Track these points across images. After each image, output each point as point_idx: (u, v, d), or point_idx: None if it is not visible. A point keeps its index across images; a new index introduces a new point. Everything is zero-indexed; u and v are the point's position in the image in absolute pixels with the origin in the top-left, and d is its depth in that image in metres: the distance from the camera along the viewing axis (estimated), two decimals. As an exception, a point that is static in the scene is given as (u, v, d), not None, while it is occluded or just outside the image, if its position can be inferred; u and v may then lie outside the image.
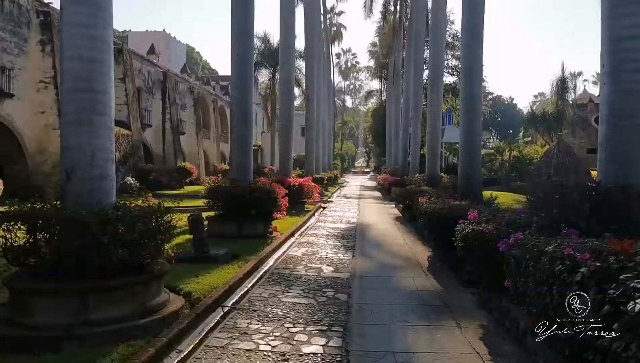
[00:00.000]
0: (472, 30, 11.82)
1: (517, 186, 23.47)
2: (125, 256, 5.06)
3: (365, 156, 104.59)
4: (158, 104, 36.11)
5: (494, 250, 5.51)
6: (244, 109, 12.68)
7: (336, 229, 14.33)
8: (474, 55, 11.77)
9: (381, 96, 70.84)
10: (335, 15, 62.29)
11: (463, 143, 12.07)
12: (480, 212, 7.16)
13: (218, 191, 11.99)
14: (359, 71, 79.83)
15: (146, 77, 34.76)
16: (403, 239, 12.55)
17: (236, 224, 11.80)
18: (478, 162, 12.10)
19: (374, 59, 63.27)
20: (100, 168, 5.68)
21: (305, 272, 8.40)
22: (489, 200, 11.39)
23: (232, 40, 12.47)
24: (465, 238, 6.25)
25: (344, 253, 10.33)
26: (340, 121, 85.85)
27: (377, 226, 15.41)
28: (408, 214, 16.93)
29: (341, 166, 69.76)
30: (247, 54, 12.66)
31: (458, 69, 47.26)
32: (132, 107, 30.28)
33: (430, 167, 19.34)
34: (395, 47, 45.85)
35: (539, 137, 38.78)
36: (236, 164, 12.70)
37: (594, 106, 43.09)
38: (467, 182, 11.78)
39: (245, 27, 12.46)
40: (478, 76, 11.86)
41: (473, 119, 11.88)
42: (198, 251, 9.00)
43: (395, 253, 10.51)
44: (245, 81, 12.68)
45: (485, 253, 5.85)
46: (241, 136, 12.67)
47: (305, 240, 11.97)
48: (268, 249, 10.09)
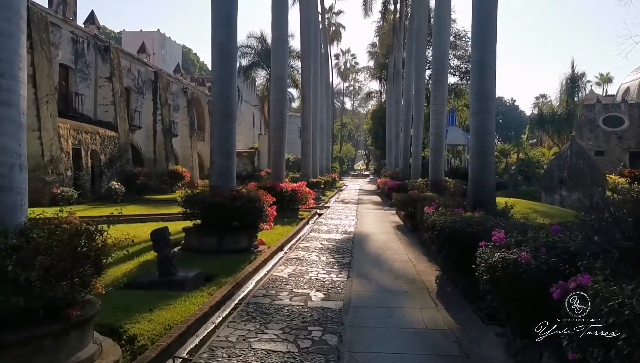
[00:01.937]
0: (483, 18, 10.39)
1: (525, 190, 22.05)
2: (19, 302, 3.60)
3: (364, 158, 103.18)
4: (149, 104, 34.72)
5: (535, 289, 4.06)
6: (226, 105, 11.23)
7: (331, 240, 12.86)
8: (486, 45, 10.32)
9: (381, 98, 69.44)
10: (334, 14, 60.93)
11: (474, 144, 10.61)
12: (507, 231, 5.68)
13: (195, 199, 10.53)
14: (358, 72, 78.37)
15: (136, 76, 33.37)
16: (406, 253, 11.08)
17: (216, 238, 10.35)
18: (491, 166, 10.62)
19: (373, 60, 61.85)
20: (2, 177, 4.21)
21: (289, 301, 6.93)
22: (504, 210, 9.95)
23: (213, 26, 11.03)
24: (492, 269, 4.78)
25: (337, 273, 8.86)
26: (340, 122, 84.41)
27: (377, 236, 13.95)
28: (410, 222, 15.47)
29: (340, 168, 68.31)
30: (230, 42, 11.20)
31: (460, 69, 46.02)
32: (119, 107, 28.87)
33: (434, 171, 17.86)
34: (396, 47, 44.47)
35: (547, 139, 37.36)
36: (217, 169, 11.23)
37: (602, 106, 41.73)
38: (479, 189, 10.32)
39: (228, 11, 11.01)
40: (491, 68, 10.38)
41: (485, 117, 10.42)
42: (163, 274, 7.54)
43: (397, 273, 9.04)
44: (227, 73, 11.23)
45: (520, 290, 4.40)
46: (223, 136, 11.21)
47: (294, 256, 10.50)
48: (249, 268, 8.62)
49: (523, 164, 27.91)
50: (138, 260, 9.30)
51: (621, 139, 39.82)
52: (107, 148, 26.88)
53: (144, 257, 9.48)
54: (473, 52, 10.86)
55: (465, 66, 47.31)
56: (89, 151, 25.25)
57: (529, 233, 5.65)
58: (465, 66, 47.31)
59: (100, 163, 26.31)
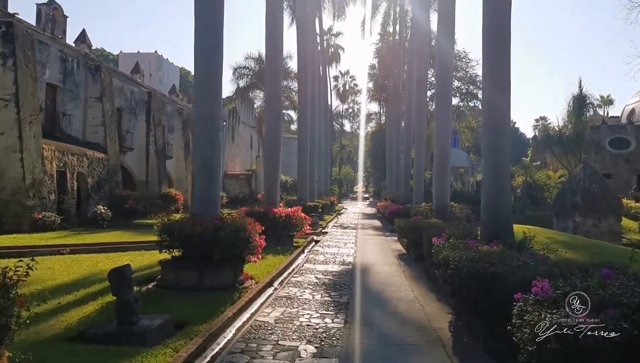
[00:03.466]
0: (496, 24, 9.34)
1: (535, 215, 20.81)
2: None
3: (364, 180, 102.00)
4: (142, 125, 33.65)
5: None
6: (211, 125, 10.09)
7: (327, 273, 11.57)
8: (499, 55, 9.25)
9: (380, 119, 68.67)
10: (333, 36, 60.38)
11: (487, 165, 9.43)
12: (550, 280, 4.43)
13: (173, 228, 9.28)
14: (357, 93, 77.76)
15: (129, 97, 32.38)
16: (411, 290, 9.80)
17: (196, 272, 9.12)
18: (507, 191, 9.41)
19: (372, 82, 61.18)
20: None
21: (272, 359, 5.65)
22: (523, 241, 8.73)
23: (196, 37, 9.95)
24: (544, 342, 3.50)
25: (333, 316, 7.59)
26: (339, 144, 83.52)
27: (378, 268, 12.66)
28: (414, 251, 14.23)
29: (339, 191, 67.13)
30: (215, 55, 10.11)
31: (461, 90, 45.24)
32: (109, 128, 27.77)
33: (439, 195, 16.63)
34: (395, 68, 43.81)
35: (551, 161, 36.27)
36: (199, 194, 10.03)
37: (608, 128, 40.76)
38: (494, 217, 9.11)
39: (213, 19, 9.95)
40: (505, 80, 9.29)
41: (500, 135, 9.28)
42: (121, 322, 6.26)
43: (403, 317, 7.75)
44: (212, 91, 10.11)
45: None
46: (206, 159, 10.03)
47: (285, 293, 9.21)
48: (229, 312, 7.35)
49: (530, 187, 26.73)
50: (102, 300, 8.03)
51: (628, 162, 38.78)
52: (95, 170, 25.69)
53: (109, 297, 8.22)
54: (485, 64, 9.75)
55: (466, 88, 46.64)
56: (75, 173, 24.06)
57: (576, 282, 4.41)
58: (466, 88, 46.64)
59: (87, 186, 25.08)
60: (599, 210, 17.85)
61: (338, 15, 40.45)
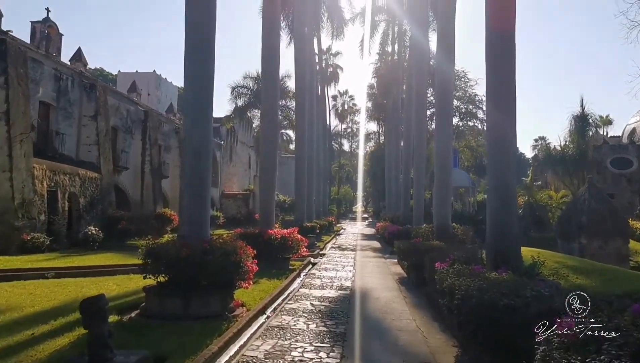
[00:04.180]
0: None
1: (538, 237, 20.20)
2: None
3: (363, 200, 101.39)
4: (137, 144, 33.24)
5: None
6: (200, 141, 9.57)
7: (324, 299, 10.94)
8: (504, 64, 8.82)
9: (379, 139, 68.43)
10: (332, 55, 60.47)
11: (493, 187, 8.89)
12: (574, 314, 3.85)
13: (158, 252, 8.70)
14: (356, 113, 77.74)
15: (124, 116, 32.01)
16: (413, 318, 9.16)
17: (182, 300, 8.49)
18: (514, 211, 8.87)
19: (371, 101, 61.11)
20: None
21: (258, 403, 5.02)
22: (533, 266, 8.16)
23: (186, 49, 9.51)
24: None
25: (329, 350, 6.95)
26: (337, 164, 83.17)
27: (377, 293, 12.03)
28: (415, 275, 13.60)
29: (338, 211, 66.47)
30: (206, 66, 9.64)
31: (460, 110, 44.96)
32: (103, 147, 27.30)
33: (440, 216, 16.05)
34: (394, 87, 43.65)
35: (552, 181, 35.78)
36: (187, 215, 9.46)
37: (609, 148, 40.38)
38: (500, 239, 8.54)
39: (203, 27, 9.52)
40: (510, 92, 8.82)
41: (505, 152, 8.77)
42: (93, 359, 5.64)
43: (405, 351, 7.12)
44: (201, 105, 9.63)
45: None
46: (195, 177, 9.49)
47: (277, 323, 8.58)
48: (215, 346, 6.71)
49: (533, 208, 26.17)
50: (79, 331, 7.38)
51: (631, 182, 38.32)
52: (87, 190, 25.12)
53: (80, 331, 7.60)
54: (489, 74, 9.28)
55: (465, 107, 46.39)
56: (66, 193, 23.48)
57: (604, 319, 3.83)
58: (465, 107, 46.39)
59: (79, 206, 24.48)
60: (605, 232, 17.27)
61: (337, 35, 40.38)
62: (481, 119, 46.15)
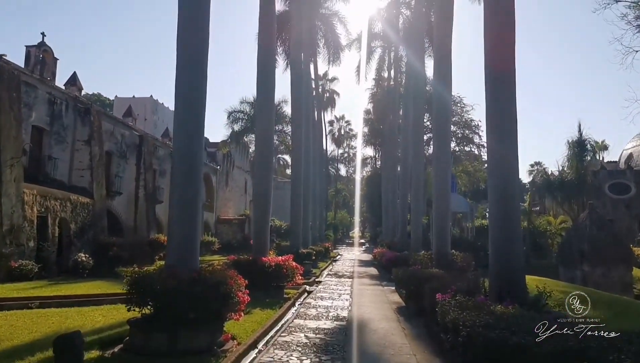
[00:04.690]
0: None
1: (539, 264, 19.74)
2: None
3: (360, 225, 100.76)
4: (132, 169, 32.88)
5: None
6: (191, 162, 9.21)
7: (319, 331, 10.43)
8: (502, 75, 8.61)
9: (376, 164, 68.36)
10: (328, 81, 60.89)
11: (495, 210, 8.54)
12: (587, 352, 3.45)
13: (143, 282, 8.24)
14: (353, 138, 77.99)
15: (119, 140, 31.72)
16: (413, 352, 8.66)
17: (168, 334, 7.99)
18: (518, 239, 8.50)
19: (367, 126, 61.29)
20: None
21: None
22: (538, 297, 7.75)
23: (178, 65, 9.23)
24: None
25: (323, 390, 6.46)
26: (334, 189, 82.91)
27: (375, 324, 11.52)
28: (414, 305, 13.13)
29: (334, 236, 65.86)
30: (197, 84, 9.34)
31: (457, 135, 44.99)
32: (96, 172, 26.91)
33: (439, 242, 15.65)
34: (390, 113, 43.72)
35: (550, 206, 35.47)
36: (175, 242, 9.01)
37: (607, 173, 40.24)
38: (504, 270, 8.15)
39: (196, 45, 9.27)
40: (512, 121, 8.56)
41: (508, 173, 8.45)
42: (65, 403, 5.17)
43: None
44: (192, 125, 9.30)
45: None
46: (185, 200, 9.09)
47: (269, 358, 8.08)
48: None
49: (532, 234, 25.77)
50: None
51: (629, 207, 38.06)
52: (79, 215, 24.62)
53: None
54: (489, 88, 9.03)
55: (462, 132, 46.45)
56: (57, 219, 22.98)
57: None
58: (462, 132, 46.45)
59: (70, 232, 23.94)
60: (608, 259, 16.87)
61: (333, 61, 40.57)
62: (477, 144, 46.21)
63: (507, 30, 8.82)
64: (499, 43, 8.85)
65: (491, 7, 9.06)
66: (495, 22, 8.97)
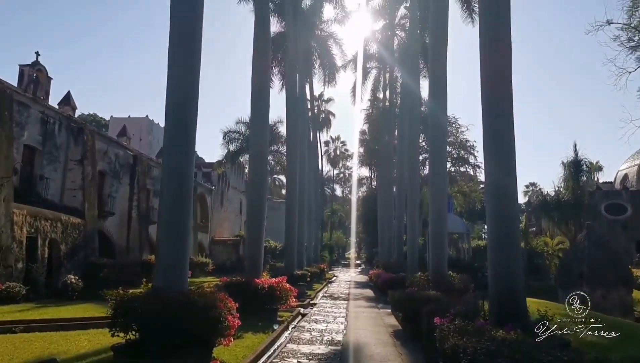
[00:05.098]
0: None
1: (537, 286, 19.43)
2: None
3: (356, 246, 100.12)
4: (125, 189, 32.57)
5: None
6: (180, 181, 8.97)
7: (313, 357, 10.05)
8: (502, 92, 8.47)
9: (371, 184, 68.24)
10: (324, 102, 61.06)
11: (493, 230, 8.31)
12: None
13: (129, 305, 7.91)
14: (348, 158, 78.05)
15: (113, 160, 31.47)
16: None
17: (154, 360, 7.63)
18: (518, 260, 8.24)
19: (363, 147, 61.33)
20: None
21: None
22: (540, 321, 7.43)
23: (168, 86, 9.07)
24: None
25: (316, 420, 6.10)
26: (329, 210, 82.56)
27: (371, 349, 11.16)
28: (410, 328, 12.73)
29: (330, 257, 65.24)
30: (188, 101, 9.16)
31: (452, 155, 44.95)
32: (88, 192, 26.58)
33: (436, 263, 15.34)
34: (386, 133, 43.68)
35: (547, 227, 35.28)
36: (163, 264, 8.72)
37: (602, 194, 40.21)
38: (505, 293, 7.89)
39: (187, 57, 9.11)
40: (510, 142, 8.39)
41: (506, 193, 8.23)
42: None
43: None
44: (183, 141, 9.08)
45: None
46: (174, 221, 8.82)
47: (259, 386, 7.71)
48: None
49: (530, 255, 25.50)
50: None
51: (626, 228, 37.94)
52: (69, 236, 24.19)
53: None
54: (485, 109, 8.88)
55: (457, 152, 46.43)
56: (47, 239, 22.55)
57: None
58: (457, 152, 46.43)
59: (60, 253, 23.48)
60: (608, 281, 16.57)
61: (329, 81, 40.66)
62: (473, 164, 46.18)
63: (503, 55, 8.72)
64: (495, 70, 8.77)
65: (487, 34, 8.98)
66: (491, 49, 8.87)
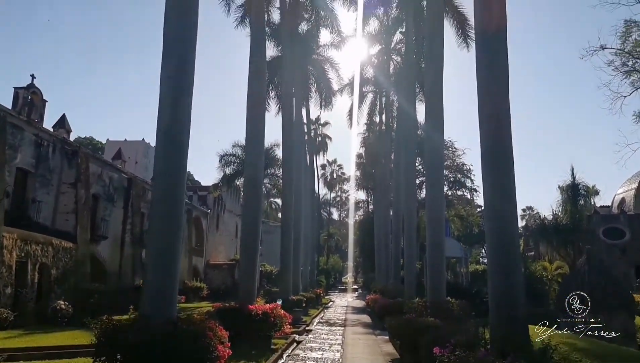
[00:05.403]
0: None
1: (537, 312, 18.93)
2: None
3: (353, 271, 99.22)
4: (119, 213, 32.16)
5: None
6: (171, 206, 8.71)
7: (307, 388, 9.66)
8: (500, 106, 8.34)
9: (368, 207, 67.99)
10: (320, 126, 61.31)
11: (495, 257, 8.07)
12: None
13: (114, 334, 7.56)
14: (345, 182, 77.98)
15: (107, 183, 31.13)
16: (409, 413, 7.93)
17: (138, 394, 7.26)
18: (519, 287, 7.98)
19: (360, 170, 61.33)
20: None
21: None
22: (544, 352, 7.14)
23: (160, 107, 8.88)
24: None
25: None
26: (326, 233, 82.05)
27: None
28: (409, 357, 12.35)
29: (326, 282, 64.54)
30: (179, 124, 8.96)
31: (448, 179, 44.91)
32: (81, 215, 26.20)
33: (434, 289, 15.03)
34: (382, 157, 43.69)
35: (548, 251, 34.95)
36: (150, 291, 8.40)
37: (600, 217, 40.02)
38: (507, 323, 7.64)
39: (179, 79, 8.95)
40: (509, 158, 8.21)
41: (506, 217, 8.02)
42: None
43: None
44: (174, 166, 8.85)
45: None
46: (163, 247, 8.54)
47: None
48: None
49: (529, 280, 25.08)
50: None
51: (624, 252, 37.66)
52: (60, 260, 23.71)
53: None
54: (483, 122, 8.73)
55: (454, 176, 46.42)
56: (37, 264, 22.07)
57: None
58: (454, 176, 46.42)
59: (50, 278, 22.97)
60: (609, 307, 16.19)
61: (325, 105, 40.82)
62: (470, 188, 46.13)
63: (501, 83, 8.67)
64: (493, 97, 8.69)
65: (483, 60, 8.91)
66: (489, 77, 8.81)
